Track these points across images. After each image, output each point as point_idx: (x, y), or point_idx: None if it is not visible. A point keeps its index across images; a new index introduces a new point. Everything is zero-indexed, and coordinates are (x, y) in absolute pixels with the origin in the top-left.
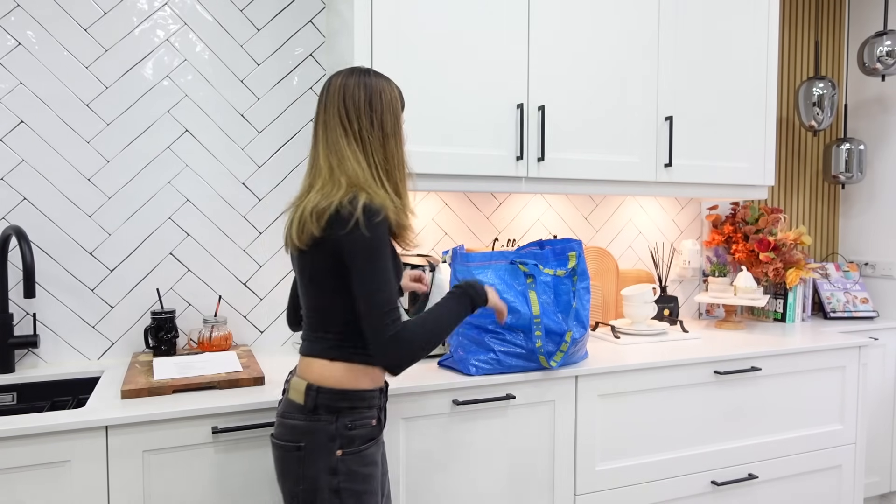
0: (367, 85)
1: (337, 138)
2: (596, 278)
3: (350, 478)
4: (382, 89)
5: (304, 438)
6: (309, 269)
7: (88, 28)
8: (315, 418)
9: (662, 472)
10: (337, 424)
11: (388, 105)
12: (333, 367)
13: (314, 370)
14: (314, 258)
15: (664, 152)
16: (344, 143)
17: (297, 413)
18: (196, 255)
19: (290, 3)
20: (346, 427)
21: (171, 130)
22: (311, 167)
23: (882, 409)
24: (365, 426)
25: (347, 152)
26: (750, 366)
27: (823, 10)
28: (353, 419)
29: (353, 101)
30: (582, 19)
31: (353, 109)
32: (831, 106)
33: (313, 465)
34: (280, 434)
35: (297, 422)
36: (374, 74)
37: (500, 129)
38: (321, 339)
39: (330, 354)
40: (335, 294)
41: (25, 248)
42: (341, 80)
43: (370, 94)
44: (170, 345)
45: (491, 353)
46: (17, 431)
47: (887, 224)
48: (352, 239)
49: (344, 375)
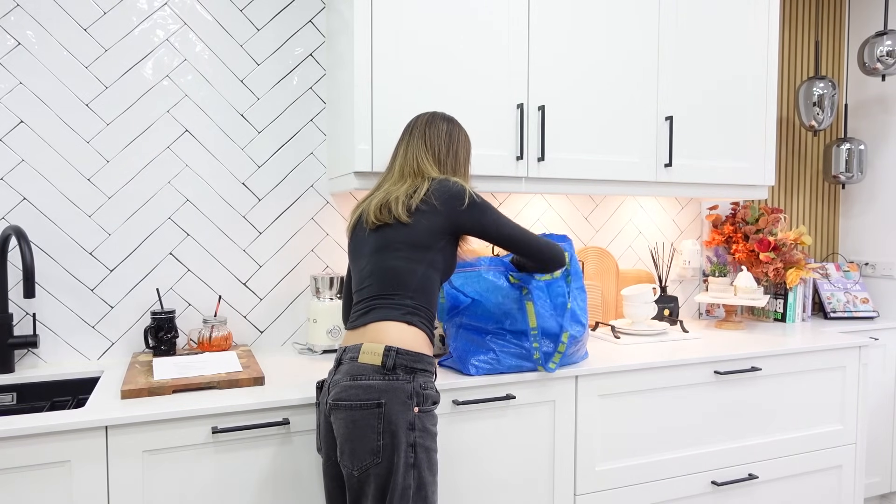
0: (450, 124)
1: (418, 153)
2: (596, 278)
3: (424, 434)
4: (461, 130)
5: (384, 396)
6: (403, 237)
7: (88, 28)
8: (394, 377)
9: (662, 472)
10: (414, 384)
11: (464, 141)
12: (410, 330)
13: (391, 333)
14: (417, 227)
15: (664, 152)
16: (424, 157)
17: (374, 374)
18: (196, 255)
19: (290, 3)
20: (422, 387)
21: (171, 130)
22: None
23: (882, 410)
24: (432, 388)
25: (426, 163)
26: (750, 366)
27: (823, 10)
28: (425, 381)
29: (436, 130)
30: (582, 19)
31: (436, 136)
32: (831, 106)
33: (394, 420)
34: (356, 395)
35: (374, 381)
36: (452, 120)
37: (500, 129)
38: (399, 306)
39: (408, 319)
40: (423, 263)
41: (25, 248)
42: (426, 117)
43: (452, 132)
44: (170, 345)
45: (491, 353)
46: (17, 431)
47: (887, 224)
48: (471, 207)
49: (417, 340)
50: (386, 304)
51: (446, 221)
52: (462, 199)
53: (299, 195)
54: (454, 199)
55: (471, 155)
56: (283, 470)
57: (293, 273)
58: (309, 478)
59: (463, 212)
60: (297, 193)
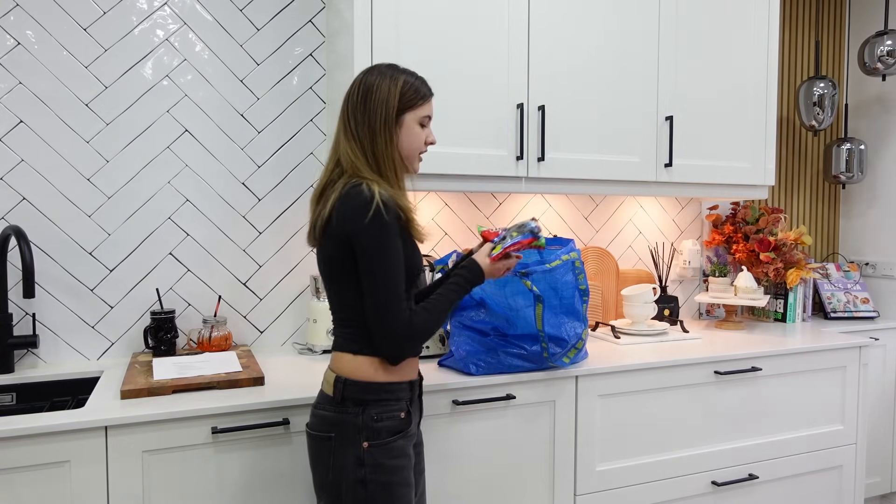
0: (365, 83)
1: (339, 135)
2: (596, 278)
3: (377, 469)
4: (378, 87)
5: (333, 429)
6: (325, 263)
7: (88, 28)
8: (343, 410)
9: (663, 472)
10: (363, 416)
11: (378, 104)
12: (357, 360)
13: (343, 363)
14: (330, 253)
15: (664, 152)
16: (343, 139)
17: (328, 404)
18: (196, 255)
19: (290, 3)
20: (373, 419)
21: (171, 130)
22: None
23: (882, 409)
24: (391, 419)
25: (346, 148)
26: (750, 366)
27: (824, 10)
28: (380, 411)
29: (351, 100)
30: (582, 19)
31: (351, 107)
32: (832, 106)
33: (342, 455)
34: (313, 424)
35: (327, 413)
36: (379, 72)
37: (500, 129)
38: (343, 335)
39: (353, 348)
40: (353, 290)
41: (25, 248)
42: (357, 78)
43: (365, 93)
44: (169, 345)
45: (491, 352)
46: (16, 431)
47: (888, 224)
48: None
49: (367, 368)
50: (337, 331)
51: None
52: (364, 214)
53: (299, 195)
54: (356, 215)
55: (409, 111)
56: (283, 470)
57: (293, 273)
58: (309, 478)
59: (361, 228)
60: (297, 193)
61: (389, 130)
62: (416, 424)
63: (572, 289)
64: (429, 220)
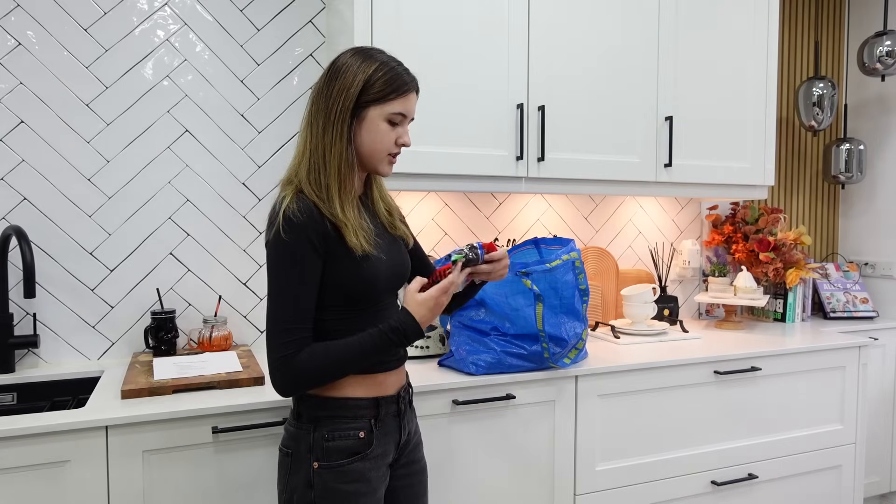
0: (336, 64)
1: (301, 123)
2: (596, 278)
3: (326, 494)
4: (345, 72)
5: (291, 446)
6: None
7: (88, 28)
8: (299, 426)
9: (662, 472)
10: (315, 435)
11: (340, 91)
12: None
13: None
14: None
15: (664, 152)
16: (302, 129)
17: (291, 418)
18: (196, 255)
19: (290, 3)
20: (324, 438)
21: (171, 130)
22: None
23: (882, 409)
24: (346, 438)
25: (298, 141)
26: (750, 366)
27: (823, 10)
28: (332, 430)
29: (319, 82)
30: (582, 19)
31: (316, 90)
32: (831, 106)
33: (296, 475)
34: (282, 439)
35: (290, 428)
36: (355, 54)
37: (500, 129)
38: None
39: None
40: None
41: (25, 248)
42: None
43: (332, 76)
44: (170, 345)
45: (492, 352)
46: (17, 431)
47: (887, 224)
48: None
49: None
50: None
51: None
52: (269, 231)
53: None
54: (266, 230)
55: (374, 104)
56: None
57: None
58: None
59: (266, 246)
60: None
61: (342, 123)
62: (397, 444)
63: (572, 288)
64: (429, 220)
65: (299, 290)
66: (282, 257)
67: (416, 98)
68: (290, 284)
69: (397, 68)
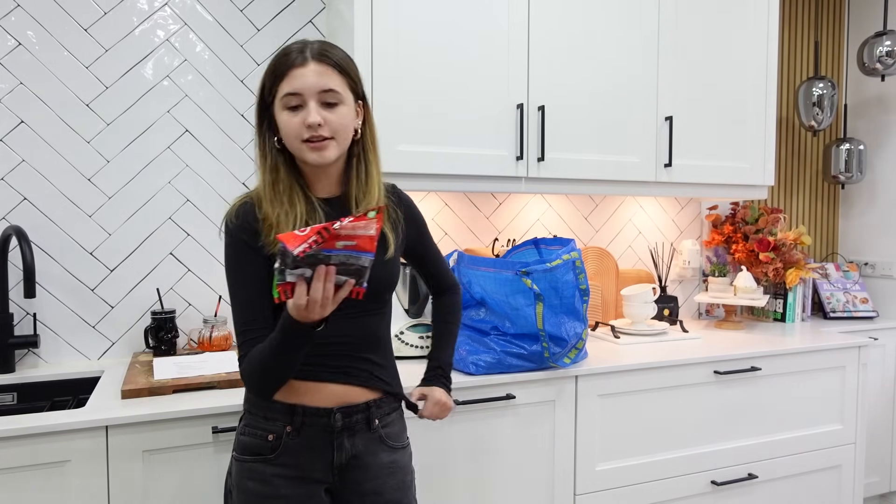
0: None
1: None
2: (596, 278)
3: (237, 485)
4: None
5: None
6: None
7: (88, 28)
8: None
9: (662, 472)
10: (238, 426)
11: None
12: None
13: None
14: None
15: (664, 152)
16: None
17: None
18: (196, 255)
19: (290, 3)
20: (240, 432)
21: (172, 130)
22: None
23: (882, 409)
24: (254, 436)
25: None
26: (750, 366)
27: (823, 10)
28: (246, 425)
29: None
30: (582, 19)
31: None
32: (831, 106)
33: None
34: None
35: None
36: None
37: (500, 129)
38: None
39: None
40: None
41: (25, 248)
42: None
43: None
44: (170, 345)
45: (492, 352)
46: (17, 431)
47: (887, 224)
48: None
49: None
50: None
51: None
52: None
53: None
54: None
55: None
56: None
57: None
58: None
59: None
60: None
61: (260, 128)
62: (330, 465)
63: (573, 288)
64: (429, 221)
65: (245, 293)
66: (226, 262)
67: (309, 71)
68: (236, 288)
69: (282, 53)
